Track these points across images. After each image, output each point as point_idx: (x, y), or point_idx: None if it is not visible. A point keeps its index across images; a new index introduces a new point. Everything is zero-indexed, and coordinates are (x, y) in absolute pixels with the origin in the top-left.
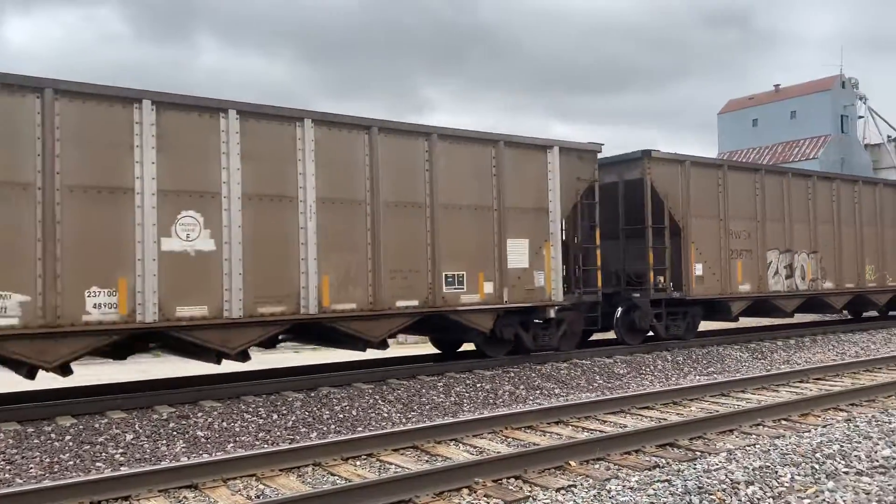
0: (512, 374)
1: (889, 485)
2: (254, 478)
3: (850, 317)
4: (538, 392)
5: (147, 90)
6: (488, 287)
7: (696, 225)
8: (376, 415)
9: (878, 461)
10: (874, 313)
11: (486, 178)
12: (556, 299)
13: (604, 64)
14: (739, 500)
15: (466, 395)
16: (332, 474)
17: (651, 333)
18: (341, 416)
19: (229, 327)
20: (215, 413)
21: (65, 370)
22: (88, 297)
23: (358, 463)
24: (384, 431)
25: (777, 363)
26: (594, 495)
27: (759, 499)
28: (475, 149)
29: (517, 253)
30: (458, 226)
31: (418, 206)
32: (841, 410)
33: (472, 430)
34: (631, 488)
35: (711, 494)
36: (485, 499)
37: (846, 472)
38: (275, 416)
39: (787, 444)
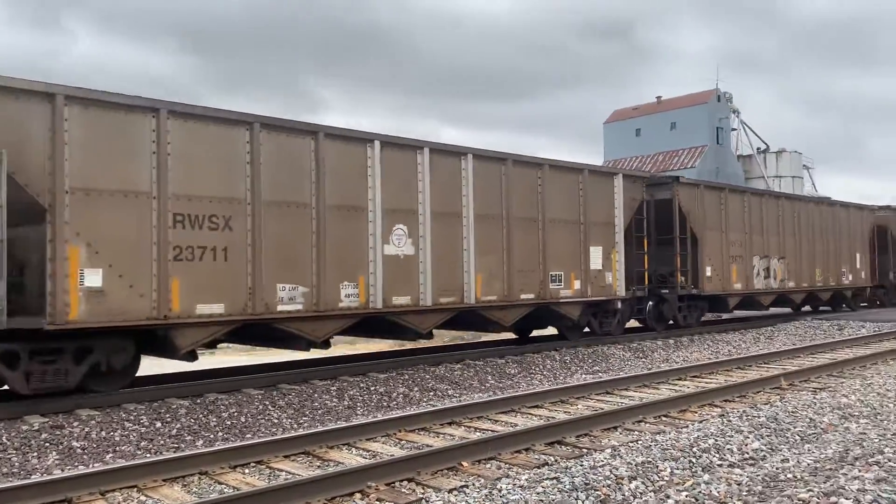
0: (406, 377)
1: (757, 475)
2: (135, 489)
3: (809, 308)
4: (432, 394)
5: (376, 133)
6: (577, 284)
7: (709, 236)
8: (266, 421)
9: (748, 453)
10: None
11: (575, 198)
12: (620, 294)
13: (494, 70)
14: (623, 495)
15: (360, 398)
16: (220, 483)
17: (671, 322)
18: (229, 422)
19: (423, 313)
20: (93, 422)
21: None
22: (342, 289)
23: (247, 471)
24: (274, 438)
25: (657, 362)
26: (486, 495)
27: (641, 493)
28: (569, 175)
29: (595, 257)
30: (558, 236)
31: (535, 220)
32: (715, 406)
33: (366, 434)
34: (521, 486)
35: (597, 490)
36: (377, 502)
37: (720, 465)
38: (158, 425)
39: (666, 440)
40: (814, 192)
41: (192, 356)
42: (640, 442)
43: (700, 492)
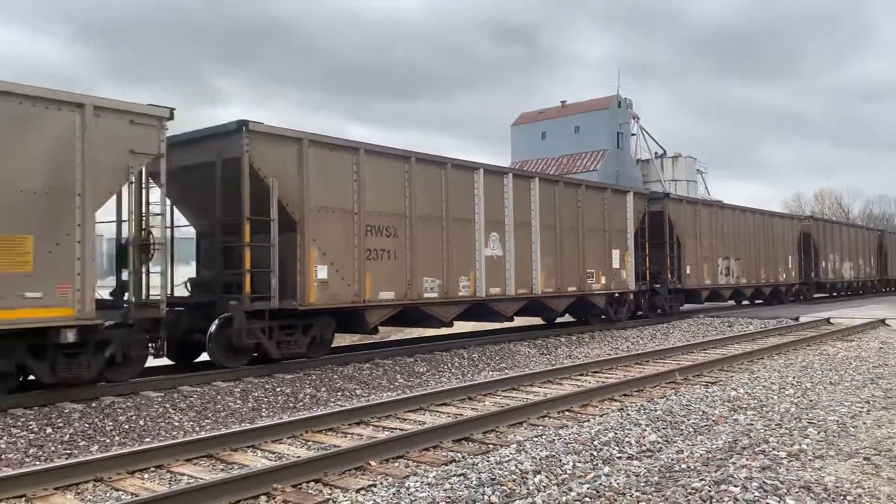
0: (313, 377)
1: (654, 466)
2: (23, 499)
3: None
4: (340, 394)
5: (481, 163)
6: (603, 280)
7: (688, 242)
8: (167, 424)
9: (646, 445)
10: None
11: (601, 211)
12: (631, 288)
13: (399, 69)
14: (528, 489)
15: (265, 399)
16: (117, 490)
17: (660, 311)
18: (127, 426)
19: (509, 301)
20: None
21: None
22: (460, 281)
23: (146, 476)
24: (175, 441)
25: (561, 358)
26: (394, 493)
27: (545, 486)
28: (597, 193)
29: (615, 258)
30: (591, 241)
31: (576, 229)
32: (615, 401)
33: (271, 436)
34: (429, 484)
35: (503, 485)
36: None
37: (619, 458)
38: (49, 430)
39: (569, 434)
40: (707, 195)
41: (375, 331)
42: (544, 437)
43: (601, 484)
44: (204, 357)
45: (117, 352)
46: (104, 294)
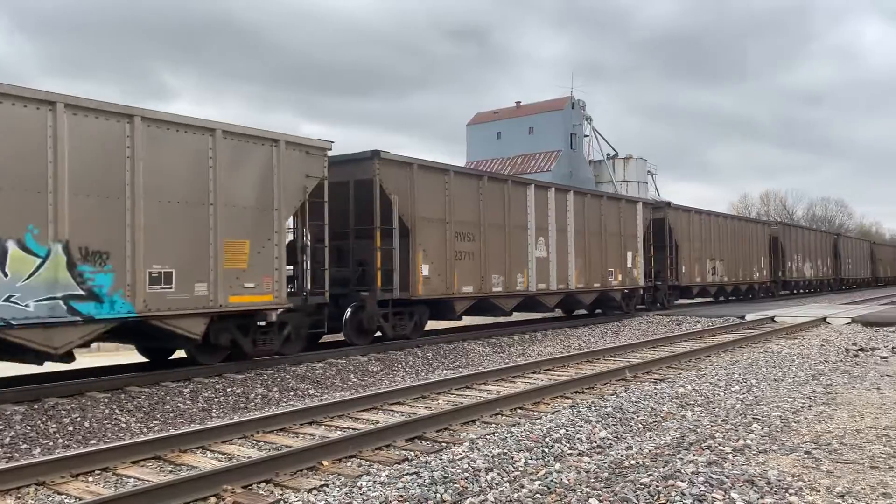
0: (265, 377)
1: (604, 462)
2: None
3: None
4: (292, 394)
5: (533, 179)
6: (620, 277)
7: (685, 246)
8: (113, 426)
9: (596, 442)
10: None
11: (617, 219)
12: (641, 284)
13: (352, 66)
14: (480, 487)
15: (216, 400)
16: (60, 493)
17: (660, 305)
18: (71, 428)
19: (551, 294)
20: None
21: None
22: (517, 278)
23: (91, 479)
24: (121, 443)
25: (514, 356)
26: (346, 493)
27: (497, 483)
28: (616, 203)
29: (629, 259)
30: (611, 244)
31: (600, 233)
32: (567, 398)
33: (221, 437)
34: (381, 483)
35: (455, 483)
36: None
37: (570, 454)
38: None
39: (521, 431)
40: (657, 196)
41: (460, 317)
42: (496, 434)
43: (552, 480)
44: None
45: (292, 330)
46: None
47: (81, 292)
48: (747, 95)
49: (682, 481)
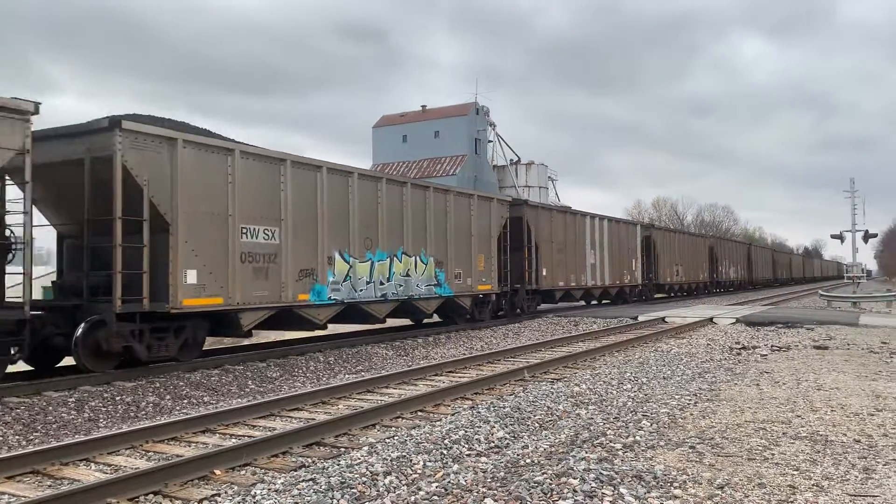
0: (157, 384)
1: (501, 462)
2: None
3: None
4: (186, 401)
5: (589, 211)
6: (629, 276)
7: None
8: None
9: (494, 442)
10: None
11: (625, 236)
12: (640, 282)
13: (247, 63)
14: (378, 491)
15: (103, 409)
16: None
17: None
18: None
19: (597, 288)
20: None
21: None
22: (581, 277)
23: None
24: None
25: (417, 359)
26: (239, 502)
27: (395, 487)
28: (622, 226)
29: (633, 262)
30: (624, 256)
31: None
32: (467, 399)
33: (108, 448)
34: (276, 490)
35: (353, 488)
36: None
37: (469, 455)
38: None
39: (421, 434)
40: (557, 201)
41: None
42: (396, 437)
43: (449, 482)
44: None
45: None
46: None
47: (436, 282)
48: (640, 104)
49: (574, 478)
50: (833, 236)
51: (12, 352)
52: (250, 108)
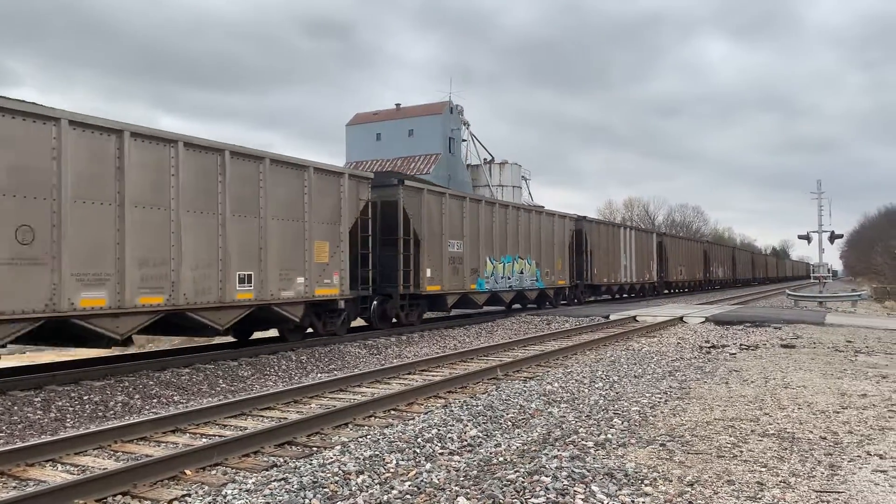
0: (126, 384)
1: (474, 460)
2: None
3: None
4: (155, 401)
5: (623, 223)
6: (648, 275)
7: (674, 255)
8: None
9: (466, 440)
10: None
11: (645, 242)
12: (655, 280)
13: (210, 58)
14: (350, 490)
15: (70, 409)
16: None
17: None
18: None
19: (627, 283)
20: None
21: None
22: (618, 274)
23: None
24: None
25: (390, 358)
26: (209, 502)
27: (367, 486)
28: (642, 234)
29: (651, 263)
30: (645, 259)
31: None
32: (440, 398)
33: (75, 448)
34: (248, 490)
35: (325, 487)
36: None
37: (441, 453)
38: None
39: (394, 433)
40: (531, 201)
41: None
42: (368, 436)
43: (422, 480)
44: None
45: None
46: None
47: (536, 278)
48: (609, 104)
49: (546, 476)
50: (800, 237)
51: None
52: (214, 104)
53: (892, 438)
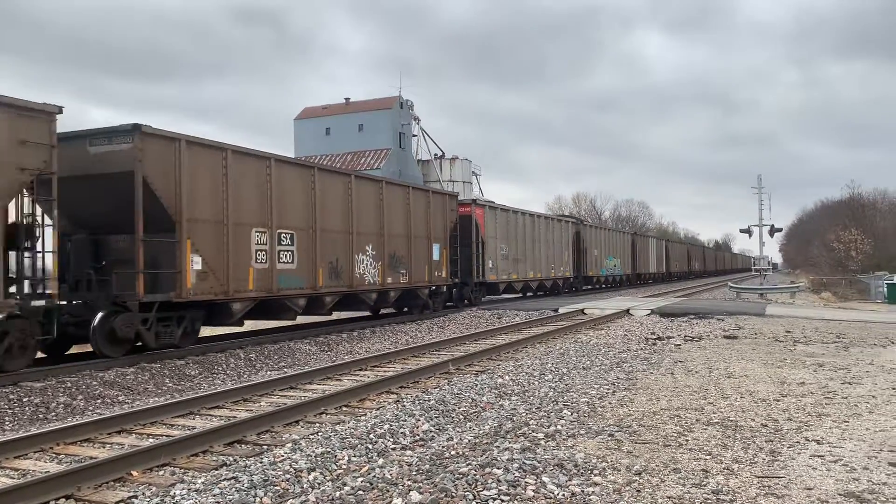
0: (68, 384)
1: (426, 454)
2: None
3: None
4: (100, 401)
5: (634, 230)
6: (626, 268)
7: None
8: None
9: (419, 435)
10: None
11: (622, 242)
12: (629, 272)
13: (140, 46)
14: (302, 487)
15: (9, 411)
16: None
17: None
18: None
19: (608, 277)
20: None
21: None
22: (601, 268)
23: None
24: None
25: (342, 354)
26: (157, 503)
27: (319, 483)
28: (620, 234)
29: (627, 259)
30: (624, 255)
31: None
32: (392, 393)
33: (14, 451)
34: (197, 490)
35: (276, 485)
36: None
37: (394, 448)
38: None
39: (346, 429)
40: (481, 195)
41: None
42: (320, 433)
43: (375, 476)
44: None
45: None
46: None
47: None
48: (546, 99)
49: (498, 468)
50: (742, 230)
51: None
52: (145, 95)
53: (829, 424)
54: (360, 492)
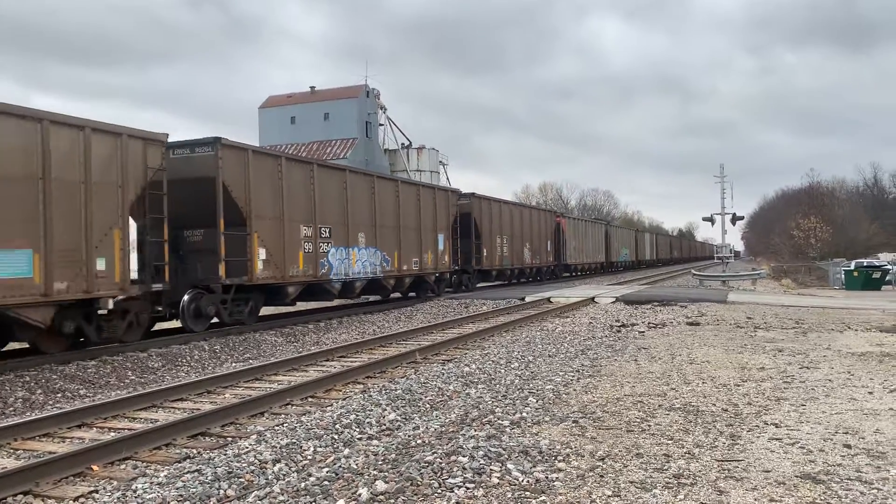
0: (27, 378)
1: (392, 444)
2: None
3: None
4: (60, 395)
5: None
6: (603, 258)
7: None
8: None
9: (385, 425)
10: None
11: (600, 233)
12: (604, 261)
13: (86, 30)
14: (267, 479)
15: None
16: None
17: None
18: None
19: (592, 264)
20: None
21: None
22: (585, 257)
23: None
24: None
25: (308, 345)
26: (119, 497)
27: (284, 474)
28: (598, 226)
29: (603, 249)
30: (600, 246)
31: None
32: (359, 383)
33: None
34: (159, 484)
35: (240, 477)
36: None
37: (360, 438)
38: None
39: (311, 420)
40: (448, 184)
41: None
42: (285, 425)
43: (340, 466)
44: None
45: None
46: None
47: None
48: (507, 87)
49: (463, 456)
50: (704, 219)
51: None
52: (92, 81)
53: (787, 408)
54: (326, 482)
